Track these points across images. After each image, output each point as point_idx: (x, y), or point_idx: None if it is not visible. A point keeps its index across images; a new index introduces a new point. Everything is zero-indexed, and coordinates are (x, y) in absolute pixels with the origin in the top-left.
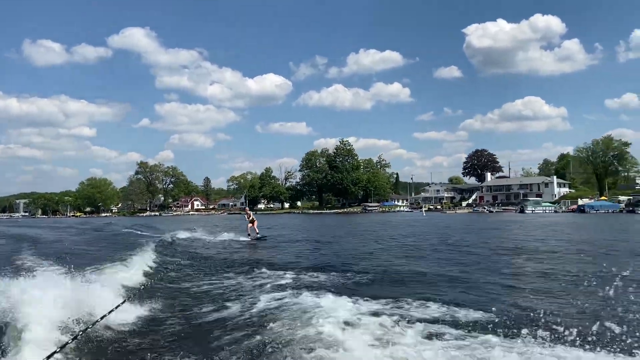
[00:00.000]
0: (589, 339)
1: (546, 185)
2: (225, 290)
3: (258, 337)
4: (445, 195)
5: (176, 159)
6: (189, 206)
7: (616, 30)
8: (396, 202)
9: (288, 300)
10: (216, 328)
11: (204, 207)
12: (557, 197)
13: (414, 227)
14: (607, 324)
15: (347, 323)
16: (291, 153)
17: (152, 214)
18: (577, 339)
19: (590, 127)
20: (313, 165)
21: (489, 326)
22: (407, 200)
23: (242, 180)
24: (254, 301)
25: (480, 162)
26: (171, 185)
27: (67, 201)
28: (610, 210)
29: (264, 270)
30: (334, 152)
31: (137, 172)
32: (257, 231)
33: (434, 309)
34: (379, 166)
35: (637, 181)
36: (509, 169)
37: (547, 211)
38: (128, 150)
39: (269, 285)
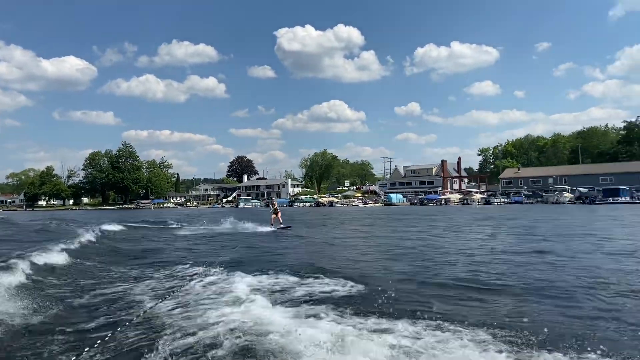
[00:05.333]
0: None
1: (283, 185)
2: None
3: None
4: (212, 193)
5: None
6: None
7: (403, 47)
8: (172, 200)
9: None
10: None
11: None
12: (290, 195)
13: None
14: None
15: None
16: (96, 145)
17: None
18: None
19: (383, 131)
20: (97, 165)
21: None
22: (183, 198)
23: (23, 177)
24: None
25: (240, 167)
26: None
27: None
28: (284, 205)
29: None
30: (117, 154)
31: None
32: (281, 221)
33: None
34: (161, 167)
35: (346, 184)
36: (266, 172)
37: (253, 206)
38: None
39: None
